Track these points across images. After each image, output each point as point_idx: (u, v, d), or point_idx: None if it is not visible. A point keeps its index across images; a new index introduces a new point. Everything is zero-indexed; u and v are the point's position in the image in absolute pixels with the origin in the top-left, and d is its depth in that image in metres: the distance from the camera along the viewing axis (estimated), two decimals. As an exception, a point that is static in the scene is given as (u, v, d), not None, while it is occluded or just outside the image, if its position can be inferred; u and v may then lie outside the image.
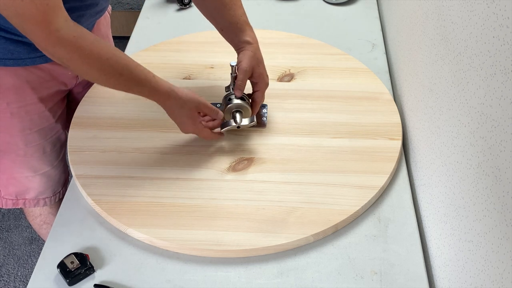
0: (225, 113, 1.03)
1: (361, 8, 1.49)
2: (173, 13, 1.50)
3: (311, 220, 0.90)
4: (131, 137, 1.06)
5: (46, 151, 1.15)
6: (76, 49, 0.82)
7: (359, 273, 0.85)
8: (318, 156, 1.02)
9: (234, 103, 1.01)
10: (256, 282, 0.85)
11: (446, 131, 0.83)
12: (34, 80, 1.05)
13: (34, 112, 1.09)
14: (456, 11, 0.78)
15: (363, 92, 1.16)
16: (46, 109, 1.11)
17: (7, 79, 1.01)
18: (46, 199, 1.22)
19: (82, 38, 0.83)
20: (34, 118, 1.09)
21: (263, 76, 1.03)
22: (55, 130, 1.15)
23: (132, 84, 0.91)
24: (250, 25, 1.04)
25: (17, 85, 1.03)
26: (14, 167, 1.15)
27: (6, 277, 1.72)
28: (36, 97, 1.07)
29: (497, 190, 0.62)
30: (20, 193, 1.19)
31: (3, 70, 1.00)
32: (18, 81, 1.03)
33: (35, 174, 1.17)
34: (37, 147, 1.13)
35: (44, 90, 1.08)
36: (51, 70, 1.07)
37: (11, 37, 0.96)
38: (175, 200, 0.94)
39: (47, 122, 1.13)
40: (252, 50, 1.01)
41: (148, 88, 0.93)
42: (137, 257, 0.88)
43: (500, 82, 0.61)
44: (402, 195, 0.97)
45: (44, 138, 1.13)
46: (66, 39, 0.81)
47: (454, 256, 0.78)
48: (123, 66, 0.89)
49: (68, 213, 0.96)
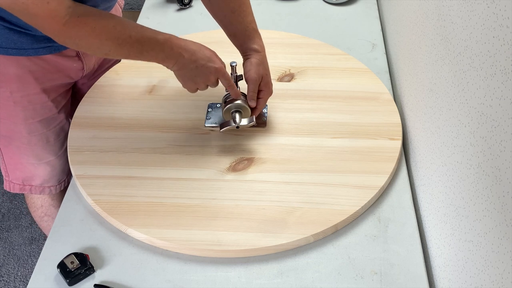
0: (225, 113, 1.03)
1: (361, 8, 1.49)
2: (173, 13, 1.50)
3: (311, 220, 0.90)
4: (131, 137, 1.07)
5: (49, 140, 1.16)
6: (81, 27, 0.84)
7: (359, 273, 0.85)
8: (318, 156, 1.02)
9: (234, 103, 1.01)
10: (256, 282, 0.85)
11: (446, 131, 0.83)
12: (37, 70, 1.06)
13: (37, 102, 1.09)
14: (456, 11, 0.78)
15: (363, 92, 1.16)
16: (49, 100, 1.11)
17: (10, 68, 1.02)
18: (51, 187, 1.23)
19: (85, 15, 0.84)
20: (37, 108, 1.10)
21: (269, 85, 1.04)
22: (58, 121, 1.16)
23: (145, 42, 0.90)
24: (258, 33, 1.04)
25: (20, 74, 1.04)
26: (19, 153, 1.16)
27: (6, 277, 1.72)
28: (39, 87, 1.08)
29: (497, 190, 0.62)
30: (26, 179, 1.21)
31: (6, 59, 1.01)
32: (21, 70, 1.04)
33: (39, 162, 1.18)
34: (40, 137, 1.14)
35: (47, 81, 1.09)
36: (56, 63, 1.07)
37: (14, 28, 0.97)
38: (175, 200, 0.94)
39: (50, 113, 1.13)
40: (259, 59, 1.02)
41: (161, 41, 0.91)
42: (137, 257, 0.88)
43: (500, 82, 0.61)
44: (402, 195, 0.97)
45: (47, 128, 1.14)
46: (72, 24, 0.82)
47: (454, 256, 0.78)
48: (131, 29, 0.89)
49: (68, 213, 0.96)
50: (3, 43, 0.98)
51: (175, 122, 1.09)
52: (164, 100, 1.15)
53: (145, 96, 1.16)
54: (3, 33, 0.97)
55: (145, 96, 1.16)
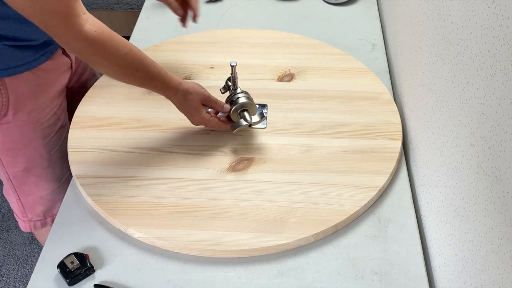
0: (232, 115, 1.03)
1: (361, 8, 1.49)
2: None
3: (311, 220, 0.90)
4: (131, 137, 1.07)
5: (64, 154, 1.16)
6: (97, 44, 0.84)
7: (359, 273, 0.85)
8: (318, 156, 1.02)
9: (239, 103, 1.01)
10: (256, 282, 0.85)
11: (446, 131, 0.83)
12: (42, 81, 1.06)
13: (49, 113, 1.10)
14: (456, 11, 0.78)
15: (363, 92, 1.16)
16: (57, 107, 1.12)
17: (23, 88, 1.02)
18: None
19: (103, 34, 0.84)
20: (51, 120, 1.11)
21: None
22: (67, 127, 1.16)
23: (147, 80, 0.94)
24: None
25: (32, 91, 1.04)
26: (40, 183, 1.16)
27: (6, 277, 1.72)
28: (47, 97, 1.08)
29: (497, 190, 0.62)
30: (47, 210, 1.20)
31: (18, 79, 1.01)
32: (31, 86, 1.04)
33: (59, 183, 1.18)
34: (58, 152, 1.15)
35: (51, 88, 1.09)
36: (51, 66, 1.08)
37: (17, 44, 0.97)
38: (175, 200, 0.94)
39: (60, 121, 1.14)
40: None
41: (161, 83, 0.96)
42: (137, 257, 0.88)
43: (500, 82, 0.61)
44: (402, 195, 0.97)
45: (61, 138, 1.15)
46: (89, 34, 0.82)
47: (454, 256, 0.78)
48: (139, 62, 0.91)
49: (68, 213, 0.96)
50: (11, 63, 0.98)
51: (175, 122, 1.09)
52: (164, 100, 1.14)
53: (145, 96, 1.16)
54: (8, 53, 0.97)
55: (145, 96, 1.16)
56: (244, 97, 1.02)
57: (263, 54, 1.28)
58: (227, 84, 1.05)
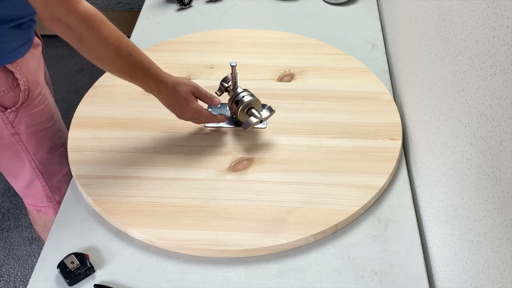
0: (240, 115, 1.03)
1: (361, 8, 1.49)
2: (173, 13, 1.50)
3: (311, 220, 0.90)
4: (131, 137, 1.07)
5: None
6: (93, 20, 0.85)
7: (359, 273, 0.85)
8: (318, 156, 1.02)
9: (244, 102, 1.01)
10: (256, 282, 0.85)
11: (446, 131, 0.83)
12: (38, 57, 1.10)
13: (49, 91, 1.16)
14: (456, 11, 0.78)
15: (363, 92, 1.16)
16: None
17: (31, 66, 1.05)
18: None
19: (98, 13, 0.86)
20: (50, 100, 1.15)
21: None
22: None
23: (140, 67, 0.94)
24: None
25: (36, 67, 1.07)
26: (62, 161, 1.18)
27: (6, 277, 1.72)
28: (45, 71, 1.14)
29: (497, 190, 0.62)
30: None
31: (25, 59, 1.03)
32: (35, 63, 1.07)
33: None
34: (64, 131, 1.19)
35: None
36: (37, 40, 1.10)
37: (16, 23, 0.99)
38: (175, 200, 0.94)
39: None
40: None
41: (153, 73, 0.95)
42: (137, 257, 0.88)
43: (500, 82, 0.61)
44: (402, 195, 0.97)
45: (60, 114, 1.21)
46: (87, 9, 0.84)
47: (454, 256, 0.78)
48: (132, 48, 0.92)
49: (68, 213, 0.96)
50: (17, 43, 1.00)
51: (175, 122, 1.09)
52: (164, 100, 1.15)
53: (145, 96, 1.16)
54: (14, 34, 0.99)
55: (145, 96, 1.16)
56: (248, 95, 1.03)
57: (263, 54, 1.28)
58: (222, 85, 1.05)
